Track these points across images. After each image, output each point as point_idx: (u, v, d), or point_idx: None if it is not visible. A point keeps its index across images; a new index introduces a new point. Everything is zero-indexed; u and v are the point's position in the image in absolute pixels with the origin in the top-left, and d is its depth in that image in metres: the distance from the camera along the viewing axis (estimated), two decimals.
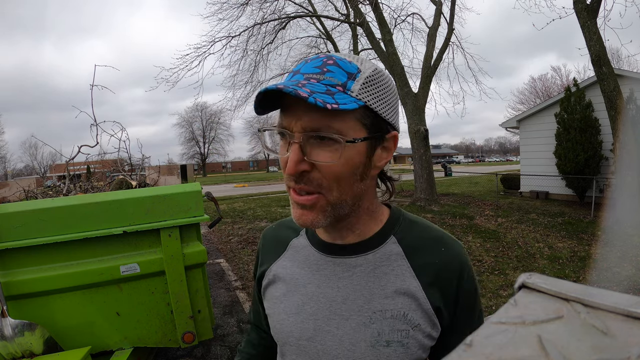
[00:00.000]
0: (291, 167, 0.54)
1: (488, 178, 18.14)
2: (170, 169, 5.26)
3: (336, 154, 0.53)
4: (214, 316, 2.31)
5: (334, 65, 0.55)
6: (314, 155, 0.54)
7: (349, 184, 0.56)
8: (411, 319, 0.60)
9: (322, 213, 0.57)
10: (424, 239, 0.64)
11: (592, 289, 0.23)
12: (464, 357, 0.19)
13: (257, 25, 11.70)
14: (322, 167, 0.54)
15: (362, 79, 0.55)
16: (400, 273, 0.61)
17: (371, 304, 0.60)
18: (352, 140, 0.54)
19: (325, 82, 0.54)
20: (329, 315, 0.62)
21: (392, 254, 0.63)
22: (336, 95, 0.52)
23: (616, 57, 22.12)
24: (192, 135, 62.51)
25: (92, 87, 3.19)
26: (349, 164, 0.55)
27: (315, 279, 0.65)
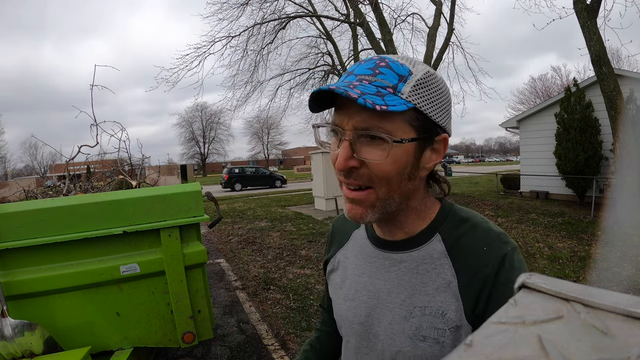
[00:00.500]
0: (340, 163, 0.57)
1: (488, 178, 18.14)
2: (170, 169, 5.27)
3: (384, 152, 0.56)
4: (214, 316, 2.31)
5: (385, 67, 0.57)
6: (363, 152, 0.57)
7: (397, 182, 0.59)
8: (449, 318, 0.60)
9: (370, 208, 0.60)
10: (469, 238, 0.64)
11: (592, 289, 0.23)
12: (464, 357, 0.19)
13: (257, 25, 11.70)
14: (371, 164, 0.57)
15: (412, 81, 0.57)
16: (441, 272, 0.62)
17: (412, 299, 0.63)
18: (400, 141, 0.56)
19: (376, 84, 0.56)
20: (377, 304, 0.67)
21: (435, 252, 0.64)
22: (386, 97, 0.54)
23: (616, 57, 22.13)
24: (192, 135, 62.52)
25: (92, 87, 3.20)
26: (396, 162, 0.57)
27: (367, 269, 0.70)
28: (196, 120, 61.81)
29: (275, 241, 6.96)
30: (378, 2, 9.97)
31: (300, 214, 9.88)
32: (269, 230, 7.96)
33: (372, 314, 0.67)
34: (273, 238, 7.22)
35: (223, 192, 18.30)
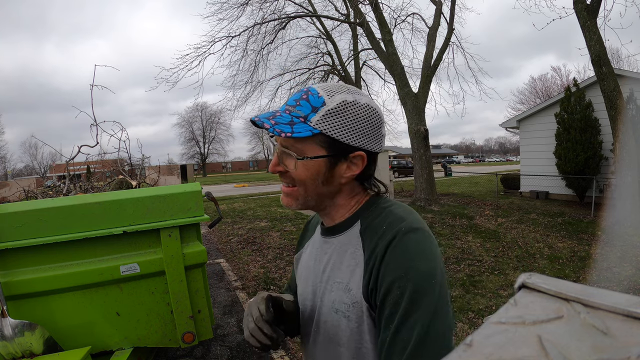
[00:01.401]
0: (270, 167, 0.76)
1: (488, 178, 18.14)
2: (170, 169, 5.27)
3: (295, 164, 0.72)
4: (214, 316, 2.31)
5: (305, 100, 0.72)
6: (285, 162, 0.74)
7: (312, 186, 0.74)
8: (352, 294, 0.70)
9: (294, 200, 0.76)
10: (379, 222, 0.72)
11: (592, 289, 0.23)
12: (464, 357, 0.19)
13: (257, 25, 11.69)
14: (289, 171, 0.74)
15: (323, 111, 0.70)
16: (355, 250, 0.73)
17: (332, 274, 0.75)
18: (302, 158, 0.71)
19: (293, 114, 0.71)
20: (318, 282, 0.79)
21: (354, 235, 0.75)
22: (296, 126, 0.69)
23: (616, 57, 22.11)
24: (192, 135, 62.50)
25: (92, 87, 3.20)
26: (308, 171, 0.72)
27: (314, 253, 0.84)
28: (196, 120, 61.82)
29: (275, 241, 6.96)
30: (378, 2, 9.97)
31: (300, 213, 9.88)
32: (269, 230, 7.96)
33: (315, 291, 0.80)
34: (273, 238, 7.22)
35: (223, 192, 18.29)
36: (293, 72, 14.38)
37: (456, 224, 7.49)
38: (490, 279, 4.57)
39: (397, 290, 0.62)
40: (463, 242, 6.24)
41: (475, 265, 5.10)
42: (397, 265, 0.63)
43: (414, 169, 10.18)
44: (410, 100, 9.83)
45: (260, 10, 11.74)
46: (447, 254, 5.59)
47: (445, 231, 6.95)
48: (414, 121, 9.77)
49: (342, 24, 13.46)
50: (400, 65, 10.10)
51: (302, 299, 0.85)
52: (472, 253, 5.61)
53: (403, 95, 9.97)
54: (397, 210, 0.73)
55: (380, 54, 10.54)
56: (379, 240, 0.68)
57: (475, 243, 6.13)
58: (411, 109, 9.83)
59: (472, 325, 3.44)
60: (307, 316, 0.82)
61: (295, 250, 0.98)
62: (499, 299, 3.95)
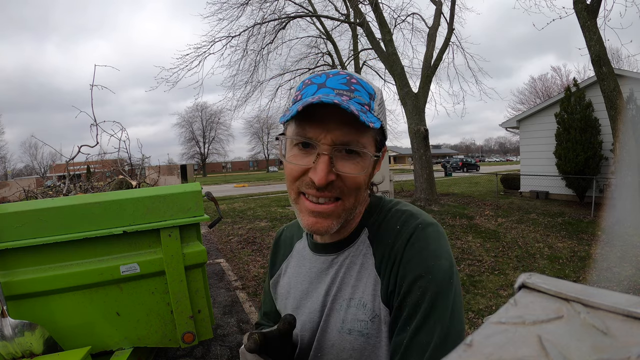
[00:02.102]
0: (322, 178, 0.58)
1: (488, 178, 18.14)
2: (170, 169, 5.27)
3: (359, 166, 0.60)
4: (214, 316, 2.31)
5: (357, 84, 0.61)
6: (341, 166, 0.60)
7: (362, 192, 0.64)
8: (370, 309, 0.63)
9: (336, 219, 0.63)
10: (389, 222, 0.66)
11: (592, 289, 0.23)
12: (464, 357, 0.19)
13: (257, 25, 11.69)
14: (347, 177, 0.60)
15: (378, 99, 0.63)
16: (364, 262, 0.66)
17: (340, 292, 0.67)
18: (377, 156, 0.63)
19: (356, 100, 0.59)
20: (316, 307, 0.70)
21: (362, 244, 0.68)
22: (367, 114, 0.58)
23: (616, 57, 22.12)
24: (192, 135, 62.53)
25: (92, 87, 3.20)
26: (367, 174, 0.63)
27: (308, 276, 0.73)
28: (196, 120, 61.86)
29: None
30: (378, 2, 9.97)
31: None
32: (269, 230, 7.96)
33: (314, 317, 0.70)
34: (273, 238, 7.21)
35: (223, 192, 18.30)
36: (293, 72, 14.39)
37: (456, 224, 7.49)
38: (490, 279, 4.57)
39: (418, 290, 0.58)
40: (463, 242, 6.24)
41: (475, 265, 5.10)
42: (418, 263, 0.59)
43: (414, 169, 10.18)
44: (410, 100, 9.84)
45: (260, 10, 11.75)
46: None
47: (446, 231, 6.87)
48: (414, 121, 9.77)
49: (342, 24, 13.47)
50: (400, 65, 10.10)
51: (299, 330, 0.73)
52: (472, 253, 5.61)
53: (403, 95, 9.97)
54: (407, 207, 0.68)
55: (380, 54, 10.54)
56: (396, 240, 0.63)
57: (475, 243, 6.13)
58: (411, 109, 9.83)
59: (472, 325, 3.44)
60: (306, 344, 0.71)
61: (269, 273, 0.86)
62: (499, 299, 3.95)
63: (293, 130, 0.62)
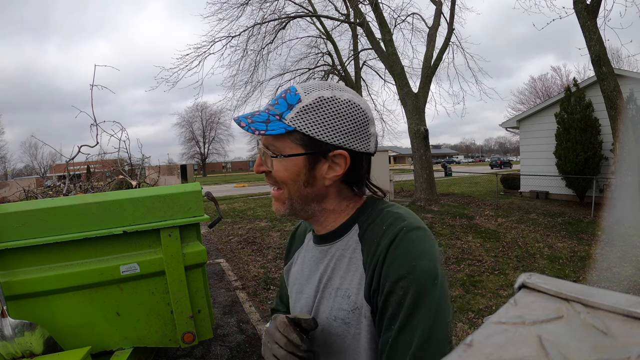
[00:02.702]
0: (255, 167, 0.76)
1: (488, 178, 18.14)
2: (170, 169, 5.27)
3: (282, 165, 0.71)
4: (214, 316, 2.31)
5: (282, 99, 0.71)
6: (266, 162, 0.73)
7: (294, 187, 0.72)
8: (353, 300, 0.68)
9: (282, 204, 0.74)
10: (378, 223, 0.70)
11: (592, 289, 0.23)
12: (464, 357, 0.19)
13: (257, 25, 11.70)
14: (273, 172, 0.72)
15: (297, 108, 0.68)
16: (354, 256, 0.71)
17: (331, 282, 0.73)
18: (276, 155, 0.70)
19: (270, 112, 0.70)
20: (313, 292, 0.76)
21: (352, 240, 0.73)
22: (270, 124, 0.68)
23: (616, 57, 22.10)
24: (192, 135, 62.50)
25: (92, 87, 3.20)
26: (288, 171, 0.70)
27: (308, 264, 0.81)
28: (196, 120, 61.82)
29: (275, 241, 6.96)
30: (378, 2, 9.97)
31: None
32: (269, 230, 7.96)
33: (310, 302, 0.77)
34: (273, 238, 7.22)
35: (223, 192, 18.30)
36: (293, 72, 14.38)
37: (456, 224, 7.48)
38: (490, 279, 4.57)
39: (400, 290, 0.61)
40: (463, 242, 6.24)
41: (475, 265, 5.10)
42: (400, 264, 0.62)
43: (414, 169, 10.18)
44: (410, 100, 9.83)
45: (260, 10, 11.75)
46: (447, 254, 5.59)
47: (445, 231, 6.95)
48: (414, 121, 9.77)
49: (342, 24, 13.46)
50: (400, 65, 10.10)
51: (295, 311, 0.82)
52: (472, 253, 5.61)
53: (403, 95, 9.97)
54: (397, 210, 0.71)
55: (380, 54, 10.54)
56: (381, 240, 0.66)
57: (475, 243, 6.13)
58: (411, 109, 9.82)
59: (472, 325, 3.44)
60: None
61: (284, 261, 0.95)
62: (499, 299, 3.95)
63: None
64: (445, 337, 0.59)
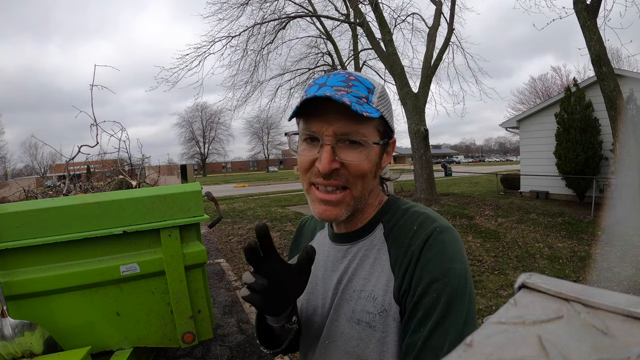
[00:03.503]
0: (325, 165, 0.63)
1: (488, 178, 18.14)
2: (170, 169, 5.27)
3: (362, 154, 0.64)
4: (214, 316, 2.31)
5: (355, 81, 0.66)
6: (344, 155, 0.64)
7: (369, 181, 0.67)
8: (380, 303, 0.65)
9: (345, 207, 0.67)
10: (406, 222, 0.69)
11: (592, 289, 0.23)
12: (464, 357, 0.19)
13: (257, 25, 11.69)
14: (351, 165, 0.64)
15: (377, 93, 0.67)
16: (379, 256, 0.68)
17: (352, 283, 0.69)
18: (377, 143, 0.66)
19: (353, 94, 0.64)
20: (329, 294, 0.73)
21: (376, 239, 0.70)
22: (364, 106, 0.63)
23: (616, 57, 22.10)
24: (192, 135, 62.56)
25: (92, 87, 3.19)
26: (370, 163, 0.66)
27: (323, 263, 0.77)
28: (196, 120, 61.89)
29: (275, 241, 6.96)
30: (378, 2, 9.97)
31: (300, 214, 9.88)
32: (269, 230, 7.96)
33: (325, 303, 0.74)
34: (273, 238, 7.19)
35: (223, 192, 18.29)
36: (293, 72, 14.38)
37: (456, 224, 7.48)
38: (490, 279, 4.57)
39: (434, 293, 0.60)
40: (463, 242, 6.23)
41: (475, 265, 5.10)
42: (434, 266, 0.61)
43: (414, 169, 10.18)
44: (410, 100, 9.83)
45: (260, 10, 11.75)
46: None
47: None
48: (414, 121, 9.77)
49: (342, 24, 13.46)
50: (400, 65, 10.10)
51: (307, 311, 0.77)
52: (472, 253, 5.61)
53: (403, 95, 9.97)
54: (424, 210, 0.70)
55: (380, 54, 10.54)
56: (411, 241, 0.65)
57: (475, 243, 6.13)
58: (411, 109, 9.82)
59: None
60: (316, 329, 0.75)
61: (289, 256, 0.90)
62: (499, 299, 3.95)
63: (301, 127, 0.68)
64: None
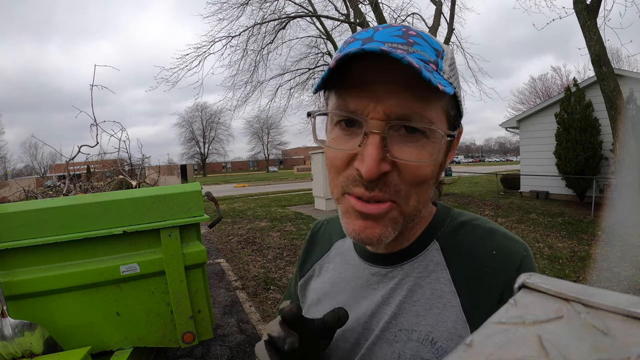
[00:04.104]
0: (373, 168, 0.41)
1: (488, 178, 18.14)
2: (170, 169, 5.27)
3: (427, 151, 0.43)
4: (214, 316, 2.31)
5: (418, 37, 0.44)
6: (398, 151, 0.42)
7: (429, 189, 0.47)
8: (440, 347, 0.47)
9: (392, 225, 0.46)
10: (472, 241, 0.51)
11: (592, 289, 0.23)
12: (464, 357, 0.19)
13: (257, 25, 11.70)
14: (408, 167, 0.43)
15: (448, 58, 0.45)
16: (437, 287, 0.50)
17: (398, 319, 0.51)
18: (452, 136, 0.46)
19: (416, 56, 0.42)
20: (356, 327, 0.54)
21: (431, 262, 0.52)
22: (434, 74, 0.41)
23: (616, 57, 22.11)
24: (192, 135, 62.59)
25: (92, 87, 3.20)
26: (435, 162, 0.45)
27: (351, 287, 0.58)
28: (196, 120, 61.93)
29: (275, 241, 6.96)
30: (378, 2, 9.97)
31: (300, 214, 9.89)
32: (269, 230, 7.96)
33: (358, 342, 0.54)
34: (273, 238, 7.22)
35: (223, 192, 18.29)
36: (293, 72, 14.38)
37: None
38: None
39: None
40: None
41: None
42: None
43: None
44: None
45: (260, 10, 11.75)
46: None
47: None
48: None
49: (342, 24, 13.45)
50: None
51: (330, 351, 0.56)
52: None
53: None
54: (491, 225, 0.54)
55: None
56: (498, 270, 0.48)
57: None
58: None
59: None
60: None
61: (298, 271, 0.70)
62: None
63: (332, 104, 0.45)
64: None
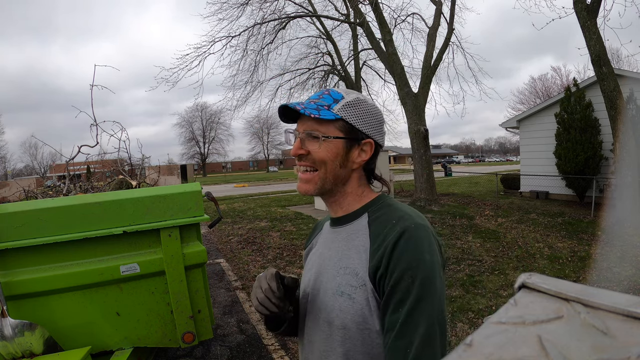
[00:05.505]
0: (293, 150, 0.85)
1: (488, 178, 18.14)
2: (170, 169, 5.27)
3: (323, 146, 0.83)
4: (214, 316, 2.31)
5: (327, 94, 0.86)
6: (308, 144, 0.84)
7: (332, 167, 0.83)
8: (360, 277, 0.77)
9: (313, 185, 0.84)
10: (388, 216, 0.81)
11: (592, 289, 0.23)
12: (464, 357, 0.19)
13: (257, 25, 11.69)
14: (312, 152, 0.83)
15: (342, 102, 0.84)
16: (362, 240, 0.81)
17: (340, 261, 0.82)
18: (327, 137, 0.82)
19: (318, 103, 0.84)
20: (321, 269, 0.86)
21: (361, 225, 0.84)
22: (322, 111, 0.82)
23: (616, 57, 22.08)
24: (192, 135, 62.51)
25: (92, 87, 3.20)
26: (329, 152, 0.82)
27: (322, 244, 0.92)
28: (196, 120, 61.83)
29: (275, 241, 6.96)
30: (378, 2, 9.96)
31: (300, 213, 9.88)
32: (269, 230, 7.96)
33: (318, 278, 0.86)
34: (273, 238, 7.22)
35: (223, 192, 18.28)
36: (293, 72, 14.37)
37: (456, 224, 7.48)
38: (490, 279, 4.57)
39: (409, 278, 0.71)
40: (463, 242, 6.24)
41: (475, 265, 5.10)
42: (409, 257, 0.72)
43: (414, 169, 10.18)
44: (410, 100, 9.83)
45: (260, 10, 11.74)
46: (447, 254, 5.59)
47: (445, 231, 6.95)
48: (414, 121, 9.77)
49: (342, 24, 13.45)
50: (400, 65, 10.10)
51: (304, 286, 0.91)
52: (472, 253, 5.61)
53: (403, 95, 9.97)
54: (405, 208, 0.83)
55: (380, 54, 10.54)
56: (390, 231, 0.76)
57: (475, 243, 6.13)
58: (411, 109, 9.82)
59: (472, 325, 3.44)
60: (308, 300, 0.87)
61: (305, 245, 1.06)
62: (499, 299, 3.95)
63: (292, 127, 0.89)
64: (445, 319, 0.71)
